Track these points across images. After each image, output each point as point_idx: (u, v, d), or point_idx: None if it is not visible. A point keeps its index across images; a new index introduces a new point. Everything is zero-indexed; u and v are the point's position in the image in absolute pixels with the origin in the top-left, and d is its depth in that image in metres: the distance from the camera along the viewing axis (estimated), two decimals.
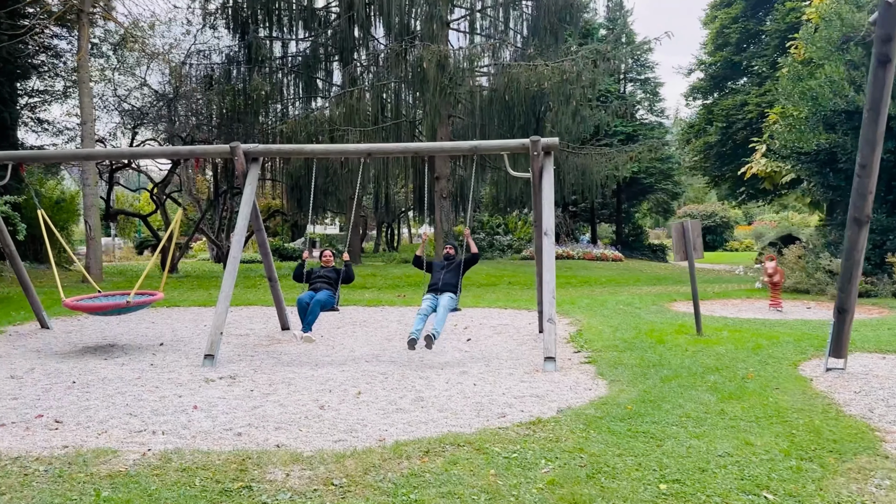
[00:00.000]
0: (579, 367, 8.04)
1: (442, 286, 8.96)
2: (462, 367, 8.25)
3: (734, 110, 25.39)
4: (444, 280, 9.00)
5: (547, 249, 8.65)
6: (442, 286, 8.96)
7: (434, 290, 9.02)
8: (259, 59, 23.77)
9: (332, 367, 8.35)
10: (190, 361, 8.81)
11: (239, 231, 9.23)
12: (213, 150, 9.63)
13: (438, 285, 9.00)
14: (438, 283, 9.02)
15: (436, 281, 9.07)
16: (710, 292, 15.74)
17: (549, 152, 9.14)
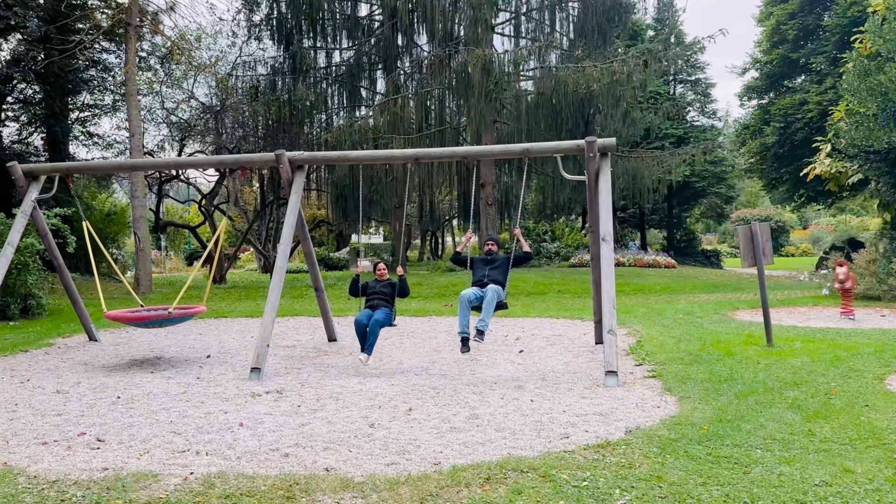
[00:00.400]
0: (643, 382, 7.53)
1: (487, 282, 8.40)
2: (517, 381, 7.82)
3: (792, 109, 24.36)
4: (490, 276, 8.44)
5: (605, 256, 8.17)
6: (487, 282, 8.40)
7: (478, 285, 8.47)
8: (303, 69, 23.77)
9: (380, 380, 8.01)
10: (237, 374, 8.57)
11: (284, 240, 8.98)
12: (259, 159, 9.43)
13: (484, 281, 8.42)
14: (483, 279, 8.44)
15: (479, 277, 8.49)
16: (775, 300, 14.96)
17: (605, 154, 8.68)
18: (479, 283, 8.47)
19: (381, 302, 8.88)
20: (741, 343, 9.52)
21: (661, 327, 11.27)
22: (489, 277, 8.44)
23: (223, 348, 10.72)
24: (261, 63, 24.80)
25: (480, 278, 8.49)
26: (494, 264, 8.59)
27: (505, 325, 12.65)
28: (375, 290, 9.04)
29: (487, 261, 8.70)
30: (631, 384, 7.45)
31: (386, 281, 9.18)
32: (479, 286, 8.41)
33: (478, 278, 8.53)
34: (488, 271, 8.51)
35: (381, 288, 9.04)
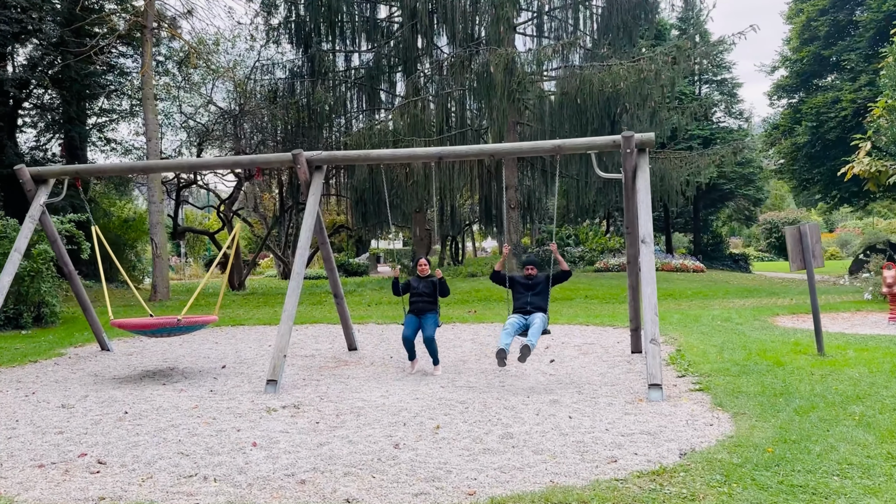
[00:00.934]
0: (690, 396, 6.93)
1: (531, 309, 8.17)
2: (551, 393, 7.26)
3: (825, 108, 23.52)
4: (533, 304, 8.19)
5: (646, 259, 7.60)
6: (531, 309, 8.17)
7: (522, 312, 8.24)
8: (322, 72, 23.39)
9: (403, 393, 7.49)
10: (252, 387, 8.10)
11: (302, 245, 8.50)
12: (275, 159, 8.97)
13: (527, 309, 8.20)
14: (526, 306, 8.21)
15: (522, 305, 8.25)
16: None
17: (643, 149, 8.12)
18: (521, 310, 8.24)
19: (425, 305, 8.61)
20: (789, 352, 8.88)
21: (699, 335, 10.64)
22: (532, 304, 8.18)
23: (239, 358, 10.26)
24: (279, 66, 24.46)
25: (524, 305, 8.22)
26: (536, 290, 8.27)
27: None
28: (419, 290, 8.73)
29: (528, 285, 8.35)
30: (676, 398, 6.86)
31: (427, 279, 8.81)
32: (523, 313, 8.20)
33: (520, 305, 8.26)
34: (530, 297, 8.21)
35: (424, 288, 8.72)
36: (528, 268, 8.54)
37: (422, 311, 8.64)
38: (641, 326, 9.52)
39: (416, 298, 8.73)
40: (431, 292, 8.72)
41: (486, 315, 14.47)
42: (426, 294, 8.72)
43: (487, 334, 11.84)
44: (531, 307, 8.17)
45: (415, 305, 8.70)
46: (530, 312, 8.14)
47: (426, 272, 8.89)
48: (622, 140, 7.94)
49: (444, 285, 8.81)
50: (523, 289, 8.37)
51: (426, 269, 8.90)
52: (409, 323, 8.65)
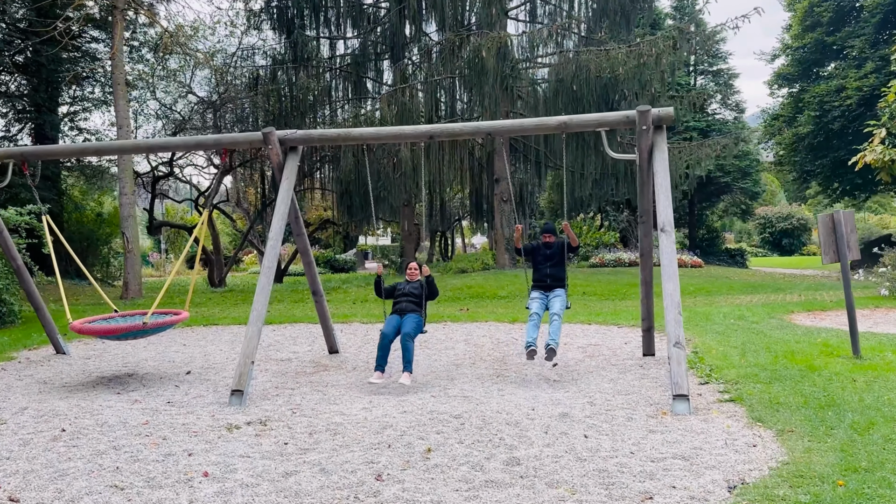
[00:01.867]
0: (721, 408, 5.99)
1: (551, 282, 7.85)
2: (558, 405, 6.30)
3: (829, 97, 22.65)
4: (552, 274, 7.85)
5: (666, 251, 6.65)
6: (551, 282, 7.85)
7: (541, 287, 7.89)
8: (306, 58, 22.30)
9: (389, 405, 6.51)
10: (216, 396, 7.11)
11: (273, 236, 7.49)
12: (243, 139, 7.96)
13: (546, 281, 7.87)
14: (546, 278, 7.87)
15: (542, 277, 7.91)
16: (828, 301, 13.39)
17: (660, 126, 7.18)
18: (541, 283, 7.92)
19: (409, 304, 7.70)
20: (820, 354, 7.96)
21: (715, 335, 9.72)
22: (552, 277, 7.87)
23: (207, 362, 9.24)
24: (260, 53, 23.33)
25: (543, 278, 7.91)
26: (553, 259, 7.93)
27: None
28: (405, 291, 7.84)
29: (546, 255, 7.97)
30: (705, 411, 5.92)
31: (416, 282, 7.91)
32: (543, 288, 7.89)
33: (540, 276, 7.95)
34: (549, 269, 7.89)
35: (412, 289, 7.82)
36: (545, 235, 8.06)
37: (404, 312, 7.69)
38: (655, 327, 8.62)
39: (401, 297, 7.83)
40: (418, 294, 7.82)
41: (478, 313, 13.49)
42: (413, 294, 7.82)
43: (482, 335, 10.87)
44: (551, 280, 7.84)
45: (398, 305, 7.78)
46: (550, 287, 7.83)
47: (416, 277, 7.99)
48: (637, 115, 6.99)
49: (432, 285, 7.88)
50: (542, 259, 7.95)
51: (416, 273, 8.01)
52: (389, 321, 7.67)
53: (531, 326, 7.52)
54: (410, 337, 7.40)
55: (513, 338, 10.39)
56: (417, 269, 8.09)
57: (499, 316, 12.71)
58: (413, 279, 7.99)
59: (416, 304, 7.75)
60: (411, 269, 8.09)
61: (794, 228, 48.59)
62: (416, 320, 7.59)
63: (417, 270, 8.07)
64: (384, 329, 7.52)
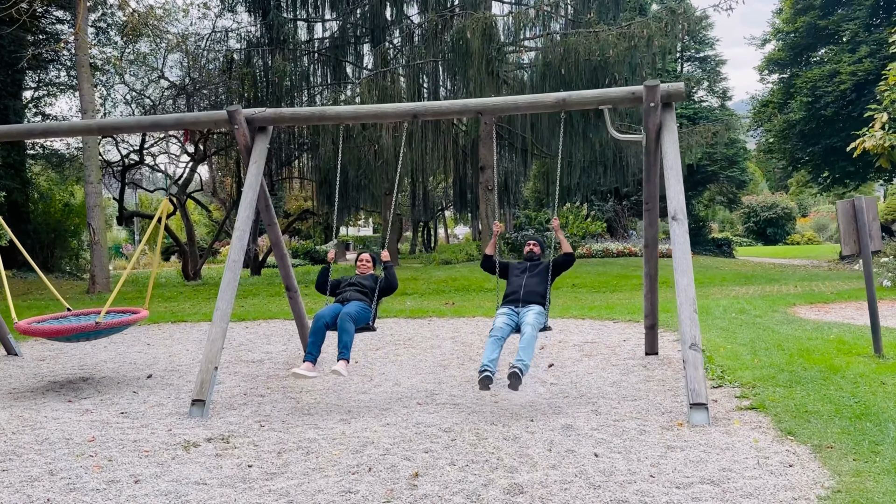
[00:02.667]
0: (742, 417, 5.34)
1: (525, 295, 6.32)
2: (560, 413, 5.63)
3: (822, 82, 22.15)
4: (528, 287, 6.37)
5: (678, 241, 5.98)
6: (525, 295, 6.32)
7: (513, 302, 6.34)
8: (282, 40, 21.38)
9: (370, 415, 5.80)
10: (177, 405, 6.36)
11: (241, 224, 6.72)
12: (206, 118, 7.18)
13: (520, 294, 6.34)
14: (520, 291, 6.36)
15: (515, 289, 6.42)
16: (828, 293, 12.85)
17: (669, 104, 6.49)
18: (512, 299, 6.35)
19: (355, 294, 6.61)
20: (837, 352, 7.36)
21: (720, 331, 9.10)
22: (527, 290, 6.33)
23: (171, 364, 8.47)
24: (234, 35, 22.39)
25: (515, 290, 6.39)
26: (534, 271, 6.49)
27: None
28: (351, 281, 6.83)
29: (525, 267, 6.59)
30: (725, 420, 5.27)
31: (368, 275, 6.98)
32: (513, 303, 6.30)
33: (512, 290, 6.43)
34: (526, 280, 6.41)
35: (361, 279, 6.83)
36: (529, 243, 6.86)
37: (348, 300, 6.55)
38: (660, 323, 7.97)
39: (347, 287, 6.71)
40: (369, 285, 6.73)
41: (465, 308, 12.81)
42: (361, 285, 6.73)
43: (470, 331, 10.18)
44: (525, 293, 6.30)
45: (341, 296, 6.63)
46: (525, 302, 6.25)
47: (368, 271, 7.02)
48: (644, 91, 6.30)
49: (391, 277, 6.73)
50: (519, 271, 6.60)
51: (368, 268, 7.03)
52: (328, 306, 6.45)
53: (491, 345, 5.86)
54: (351, 318, 6.20)
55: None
56: (371, 261, 7.10)
57: (487, 311, 12.03)
58: (364, 273, 7.01)
59: (364, 293, 6.64)
60: (363, 261, 7.06)
61: (778, 217, 48.39)
62: (363, 307, 6.44)
63: (371, 263, 7.08)
64: (320, 312, 6.32)
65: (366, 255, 7.19)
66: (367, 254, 7.21)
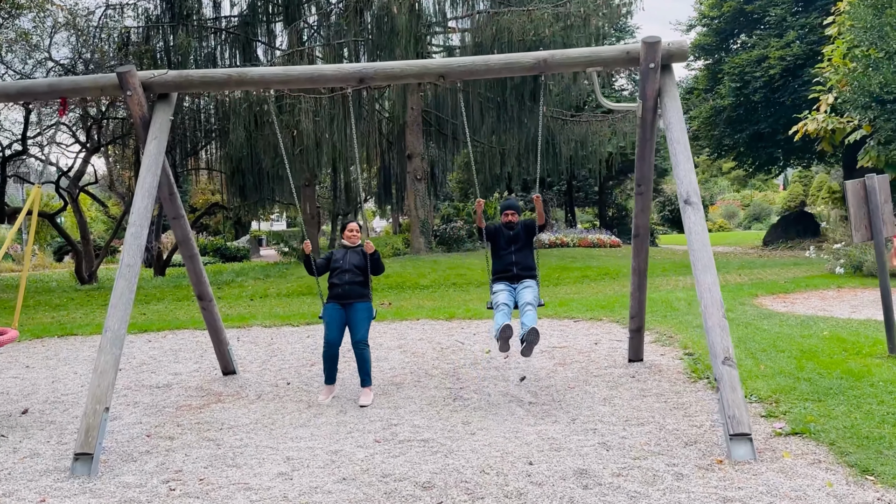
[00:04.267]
0: (786, 445, 4.32)
1: (518, 271, 6.17)
2: (560, 449, 4.48)
3: (749, 67, 22.00)
4: (519, 262, 6.19)
5: (695, 229, 4.90)
6: (518, 271, 6.17)
7: (506, 278, 6.18)
8: (185, 15, 19.34)
9: (317, 461, 4.47)
10: (57, 456, 4.85)
11: (137, 216, 5.20)
12: (89, 83, 5.61)
13: (513, 270, 6.18)
14: (512, 268, 6.18)
15: (507, 265, 6.21)
16: (781, 281, 12.27)
17: (668, 66, 5.40)
18: (506, 273, 6.21)
19: (353, 287, 6.10)
20: (846, 353, 6.53)
21: (698, 330, 8.17)
22: (519, 266, 6.18)
23: (55, 394, 6.80)
24: (131, 10, 20.10)
25: (507, 266, 6.21)
26: (518, 243, 6.26)
27: (471, 329, 9.25)
28: (344, 264, 6.18)
29: (509, 237, 6.28)
30: (770, 452, 4.23)
31: (358, 247, 6.30)
32: (508, 279, 6.18)
33: (504, 266, 6.23)
34: (514, 255, 6.21)
35: (352, 260, 6.19)
36: (507, 212, 6.40)
37: (348, 297, 6.08)
38: (646, 326, 6.94)
39: (341, 277, 6.12)
40: (362, 266, 6.18)
41: (404, 308, 11.51)
42: (355, 269, 6.14)
43: (417, 337, 8.90)
44: (518, 268, 6.17)
45: (339, 289, 6.10)
46: (518, 277, 6.14)
47: (356, 241, 6.32)
48: (642, 48, 5.19)
49: (377, 261, 6.27)
50: (505, 242, 6.27)
51: (356, 237, 6.34)
52: (331, 318, 6.04)
53: (501, 315, 5.79)
54: (364, 343, 5.99)
55: (456, 342, 8.48)
56: (359, 230, 6.38)
57: (430, 312, 10.77)
58: (353, 243, 6.28)
59: (362, 283, 6.16)
60: (351, 230, 6.35)
61: None
62: (366, 311, 6.07)
63: (358, 232, 6.36)
64: (328, 335, 5.99)
65: (353, 223, 6.43)
66: (353, 223, 6.45)
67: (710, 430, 4.74)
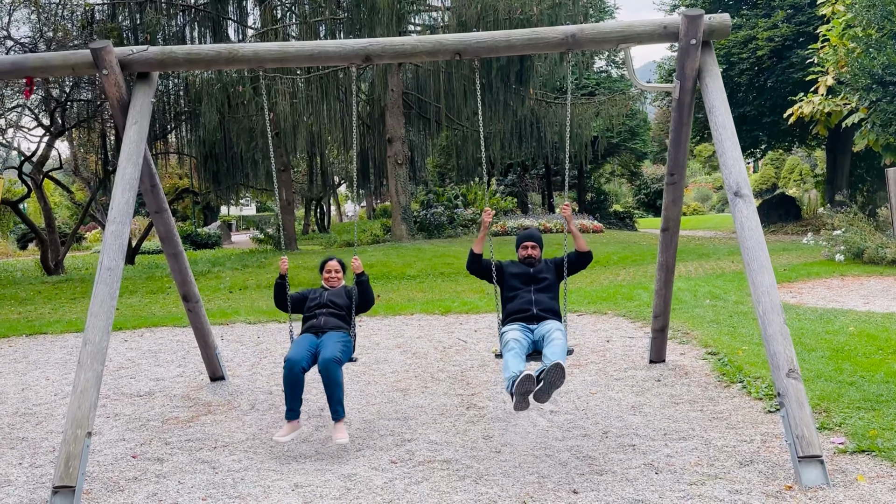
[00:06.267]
0: (855, 465, 3.92)
1: (539, 313, 4.83)
2: (602, 472, 4.04)
3: (736, 48, 21.66)
4: (540, 305, 4.87)
5: (750, 225, 4.43)
6: (539, 313, 4.83)
7: (525, 320, 4.83)
8: None
9: (331, 493, 3.94)
10: (31, 485, 4.30)
11: (118, 213, 4.58)
12: (59, 61, 4.95)
13: (532, 311, 4.83)
14: (531, 308, 4.85)
15: (524, 306, 4.87)
16: (782, 270, 11.95)
17: (708, 43, 4.92)
18: (521, 314, 4.85)
19: (330, 319, 5.02)
20: (885, 351, 6.17)
21: (714, 325, 7.78)
22: (539, 307, 4.85)
23: (26, 404, 6.18)
24: None
25: (525, 308, 4.86)
26: (541, 283, 4.99)
27: (470, 324, 8.76)
28: (322, 300, 5.13)
29: (529, 276, 5.03)
30: (840, 474, 3.80)
31: (340, 289, 5.26)
32: (526, 321, 4.82)
33: (520, 307, 4.88)
34: (535, 295, 4.91)
35: (332, 297, 5.15)
36: (526, 244, 5.20)
37: (323, 329, 5.02)
38: (669, 325, 6.50)
39: (318, 311, 5.12)
40: (344, 305, 5.16)
41: (395, 301, 10.98)
42: (334, 304, 5.13)
43: (415, 335, 8.38)
44: (539, 308, 4.85)
45: (314, 320, 5.08)
46: (539, 318, 4.81)
47: (338, 285, 5.33)
48: (682, 22, 4.71)
49: (367, 291, 5.19)
50: (520, 280, 5.02)
51: (339, 279, 5.34)
52: (299, 342, 4.93)
53: (514, 358, 4.50)
54: (337, 361, 4.71)
55: (458, 340, 7.99)
56: (340, 270, 5.35)
57: (424, 306, 10.24)
58: (334, 287, 5.31)
59: (342, 317, 5.10)
60: (331, 270, 5.31)
61: None
62: (342, 339, 4.92)
63: (341, 273, 5.36)
64: (291, 353, 4.76)
65: (333, 262, 5.37)
66: (334, 261, 5.39)
67: (763, 447, 4.32)
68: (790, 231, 22.35)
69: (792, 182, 52.13)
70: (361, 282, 5.16)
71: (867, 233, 12.18)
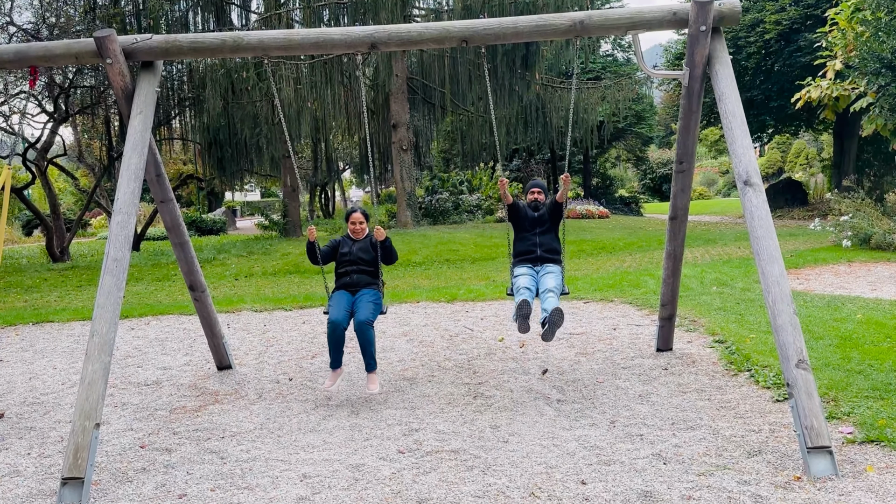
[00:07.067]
0: (864, 456, 3.91)
1: (542, 253, 5.80)
2: (610, 462, 4.01)
3: (743, 32, 21.45)
4: (543, 246, 5.83)
5: (760, 214, 4.41)
6: (542, 253, 5.80)
7: (529, 261, 5.81)
8: None
9: (339, 482, 3.94)
10: (40, 476, 4.31)
11: (123, 204, 4.57)
12: (63, 50, 4.91)
13: (536, 252, 5.81)
14: (536, 250, 5.82)
15: (530, 247, 5.84)
16: (789, 256, 11.91)
17: (718, 29, 4.86)
18: (527, 256, 5.82)
19: (362, 276, 5.65)
20: (892, 339, 6.14)
21: (721, 313, 7.75)
22: (543, 248, 5.80)
23: (34, 394, 6.20)
24: None
25: (531, 249, 5.83)
26: (544, 225, 5.88)
27: (476, 312, 8.76)
28: (351, 258, 5.68)
29: (535, 219, 5.90)
30: (849, 465, 3.79)
31: (365, 240, 5.78)
32: (531, 262, 5.80)
33: (526, 248, 5.84)
34: (539, 237, 5.84)
35: (360, 252, 5.70)
36: (533, 190, 6.05)
37: (356, 286, 5.64)
38: (676, 313, 6.48)
39: (348, 267, 5.68)
40: (370, 258, 5.69)
41: (400, 289, 10.97)
42: (362, 261, 5.68)
43: (422, 323, 8.37)
44: (542, 250, 5.80)
45: (347, 278, 5.67)
46: (541, 261, 5.78)
47: (362, 235, 5.78)
48: (692, 9, 4.65)
49: (390, 249, 5.75)
50: (529, 223, 5.89)
51: (363, 229, 5.80)
52: (337, 301, 5.53)
53: (520, 297, 5.40)
54: (369, 323, 5.39)
55: (465, 328, 7.98)
56: (364, 220, 5.80)
57: (430, 293, 10.23)
58: (359, 236, 5.76)
59: (371, 272, 5.70)
60: (356, 220, 5.75)
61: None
62: (374, 297, 5.57)
63: (365, 224, 5.81)
64: (332, 315, 5.41)
65: (357, 214, 5.81)
66: (358, 213, 5.82)
67: (771, 436, 4.31)
68: (797, 216, 22.23)
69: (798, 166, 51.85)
70: (387, 247, 5.66)
71: (874, 218, 12.12)
